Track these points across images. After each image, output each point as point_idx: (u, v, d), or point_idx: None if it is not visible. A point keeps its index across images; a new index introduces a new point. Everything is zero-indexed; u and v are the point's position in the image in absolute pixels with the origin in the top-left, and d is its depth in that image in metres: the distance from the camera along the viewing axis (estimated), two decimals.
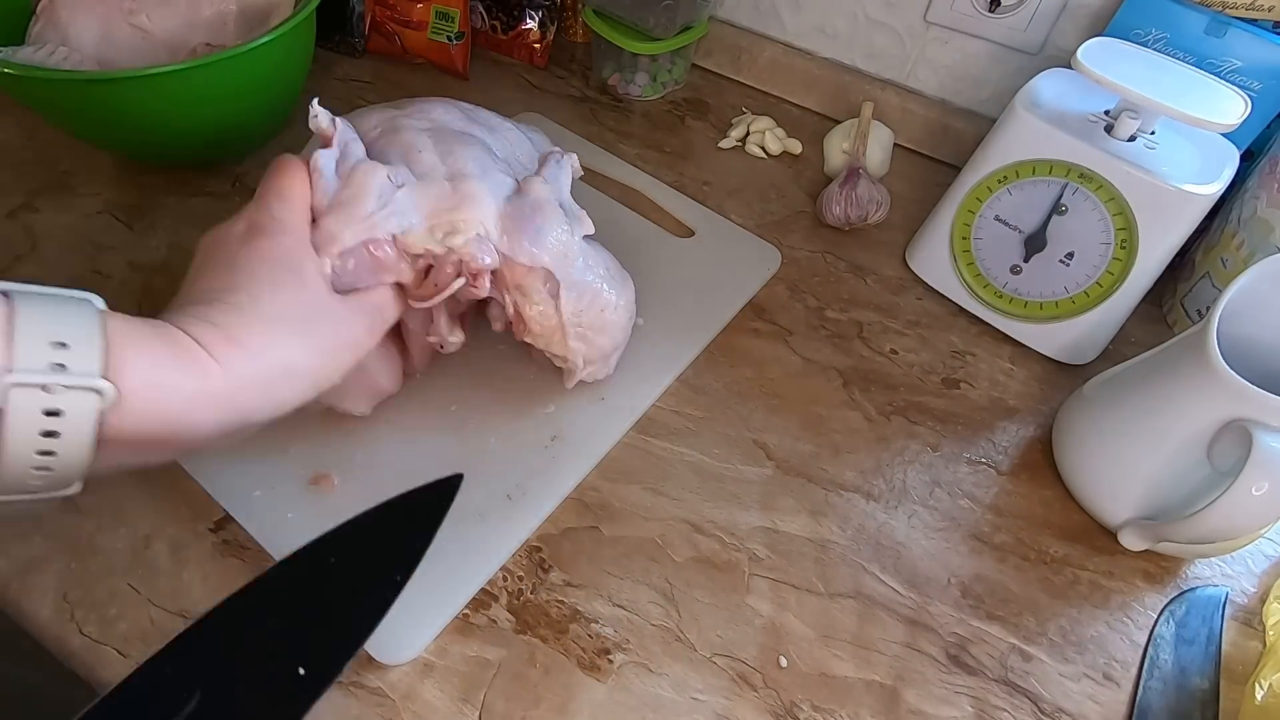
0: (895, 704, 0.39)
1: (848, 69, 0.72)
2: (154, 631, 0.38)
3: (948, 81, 0.68)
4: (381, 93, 0.71)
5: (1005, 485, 0.48)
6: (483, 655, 0.39)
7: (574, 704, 0.38)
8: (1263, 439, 0.37)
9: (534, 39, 0.74)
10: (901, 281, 0.60)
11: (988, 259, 0.56)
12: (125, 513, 0.42)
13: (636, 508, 0.45)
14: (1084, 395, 0.49)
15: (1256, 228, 0.51)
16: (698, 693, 0.38)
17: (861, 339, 0.55)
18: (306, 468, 0.43)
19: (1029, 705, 0.40)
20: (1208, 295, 0.55)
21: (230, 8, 0.60)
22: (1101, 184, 0.49)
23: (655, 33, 0.67)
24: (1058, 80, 0.54)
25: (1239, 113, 0.45)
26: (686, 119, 0.72)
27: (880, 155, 0.65)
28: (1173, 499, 0.43)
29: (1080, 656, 0.42)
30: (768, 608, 0.42)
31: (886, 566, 0.44)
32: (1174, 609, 0.44)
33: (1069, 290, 0.53)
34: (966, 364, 0.55)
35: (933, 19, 0.65)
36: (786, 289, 0.58)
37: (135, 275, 0.53)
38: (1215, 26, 0.52)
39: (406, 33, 0.72)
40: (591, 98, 0.73)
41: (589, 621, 0.40)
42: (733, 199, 0.64)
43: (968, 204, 0.55)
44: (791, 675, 0.39)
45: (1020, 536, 0.46)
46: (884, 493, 0.47)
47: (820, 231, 0.63)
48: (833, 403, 0.51)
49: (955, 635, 0.42)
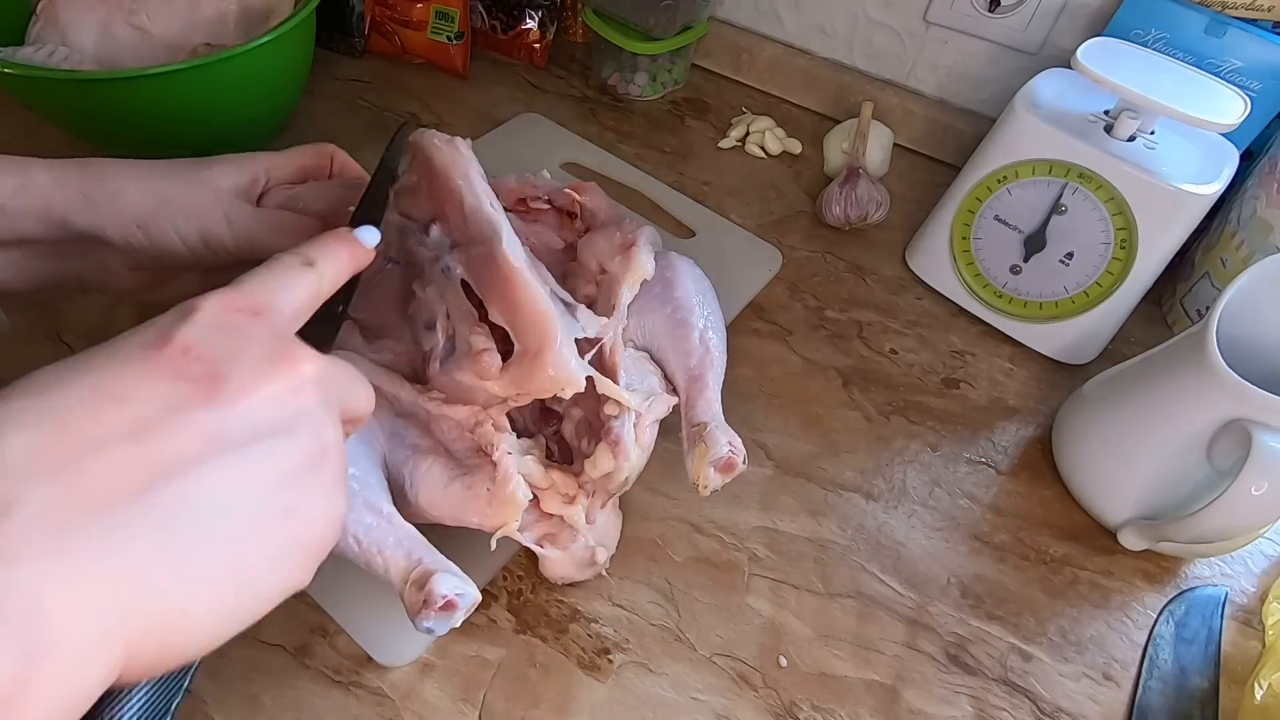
0: (895, 704, 0.39)
1: (848, 69, 0.72)
2: None
3: (948, 81, 0.68)
4: (381, 93, 0.71)
5: (1005, 485, 0.48)
6: (482, 655, 0.39)
7: (574, 704, 0.38)
8: (1263, 439, 0.37)
9: (534, 39, 0.74)
10: (901, 281, 0.60)
11: (987, 259, 0.56)
12: None
13: (636, 507, 0.45)
14: (1084, 395, 0.49)
15: (1256, 228, 0.51)
16: (698, 692, 0.38)
17: (861, 339, 0.55)
18: None
19: (1029, 705, 0.40)
20: (1208, 295, 0.55)
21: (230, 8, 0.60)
22: (1101, 184, 0.49)
23: (655, 33, 0.67)
24: (1058, 80, 0.54)
25: (1239, 113, 0.45)
26: (686, 119, 0.72)
27: (880, 155, 0.65)
28: (1172, 499, 0.43)
29: (1080, 656, 0.42)
30: (767, 607, 0.42)
31: (886, 566, 0.44)
32: (1174, 609, 0.44)
33: (1069, 290, 0.53)
34: (966, 364, 0.55)
35: (933, 19, 0.65)
36: (786, 289, 0.58)
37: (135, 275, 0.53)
38: (1215, 26, 0.52)
39: (406, 33, 0.72)
40: (591, 98, 0.73)
41: (589, 621, 0.40)
42: (733, 199, 0.64)
43: (968, 204, 0.55)
44: (791, 675, 0.39)
45: (1020, 536, 0.46)
46: (884, 492, 0.47)
47: (820, 231, 0.63)
48: (833, 403, 0.51)
49: (955, 635, 0.42)
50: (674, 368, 0.42)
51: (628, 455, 0.37)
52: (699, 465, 0.37)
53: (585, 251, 0.44)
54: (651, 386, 0.41)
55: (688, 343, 0.41)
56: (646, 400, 0.40)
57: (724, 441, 0.37)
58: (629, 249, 0.43)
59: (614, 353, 0.40)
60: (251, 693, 0.37)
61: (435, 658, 0.38)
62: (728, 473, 0.37)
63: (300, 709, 0.36)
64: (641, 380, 0.41)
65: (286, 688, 0.37)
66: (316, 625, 0.39)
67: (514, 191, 0.48)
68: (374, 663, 0.38)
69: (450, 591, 0.32)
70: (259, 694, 0.37)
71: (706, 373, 0.41)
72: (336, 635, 0.38)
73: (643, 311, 0.43)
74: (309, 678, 0.37)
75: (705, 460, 0.36)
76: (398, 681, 0.37)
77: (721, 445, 0.37)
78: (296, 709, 0.36)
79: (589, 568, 0.40)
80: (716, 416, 0.39)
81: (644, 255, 0.42)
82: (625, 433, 0.37)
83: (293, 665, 0.38)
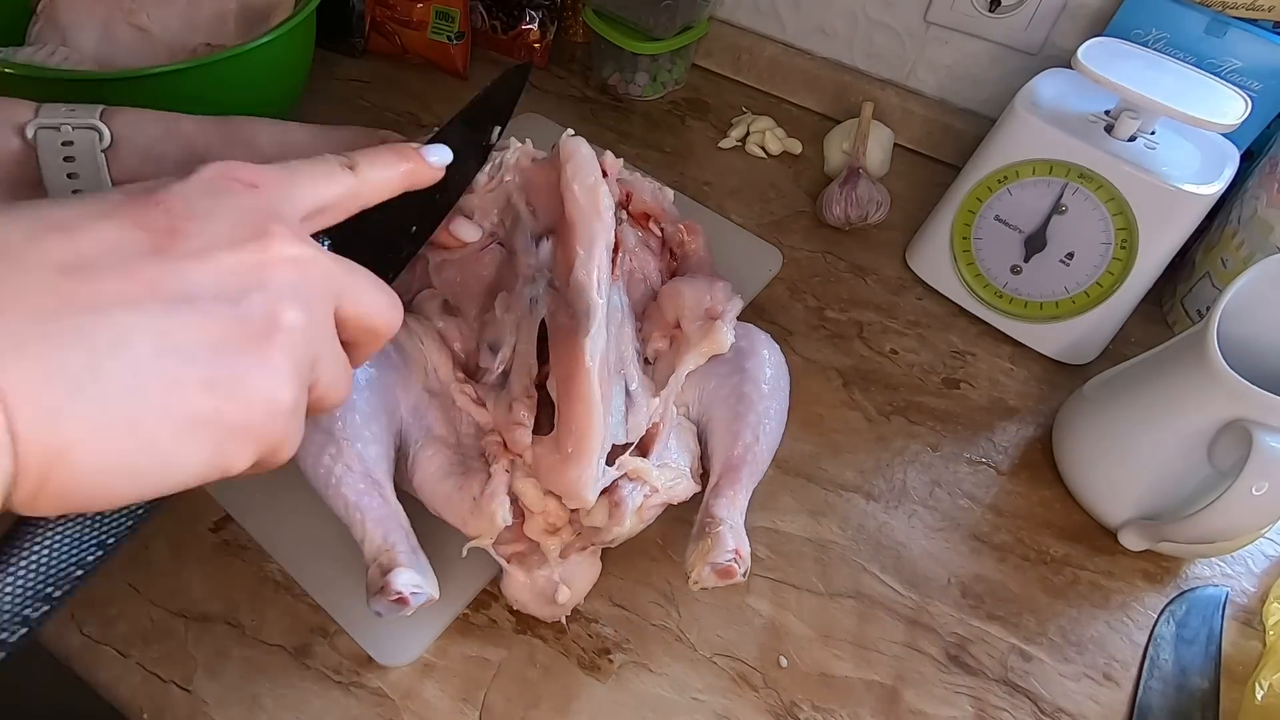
0: (895, 704, 0.39)
1: (848, 69, 0.72)
2: (154, 631, 0.38)
3: (948, 81, 0.68)
4: (381, 93, 0.71)
5: (1005, 485, 0.48)
6: (483, 655, 0.39)
7: (574, 704, 0.38)
8: (1263, 439, 0.37)
9: (534, 39, 0.74)
10: (901, 281, 0.60)
11: (988, 259, 0.56)
12: None
13: None
14: (1084, 395, 0.48)
15: (1256, 228, 0.51)
16: (698, 693, 0.38)
17: (861, 339, 0.55)
18: None
19: (1029, 705, 0.40)
20: (1208, 295, 0.54)
21: (230, 7, 0.60)
22: (1101, 184, 0.49)
23: (655, 33, 0.67)
24: (1058, 80, 0.54)
25: (1239, 113, 0.45)
26: (686, 119, 0.72)
27: (880, 155, 0.65)
28: (1173, 499, 0.43)
29: (1080, 656, 0.42)
30: (768, 608, 0.42)
31: (886, 566, 0.44)
32: (1174, 609, 0.44)
33: (1069, 290, 0.53)
34: (966, 364, 0.55)
35: (933, 19, 0.65)
36: (786, 289, 0.58)
37: None
38: (1215, 26, 0.52)
39: (406, 33, 0.72)
40: (591, 98, 0.73)
41: (589, 621, 0.40)
42: (733, 199, 0.64)
43: (968, 204, 0.55)
44: (791, 675, 0.39)
45: (1020, 536, 0.46)
46: (884, 493, 0.47)
47: (820, 231, 0.63)
48: (833, 403, 0.51)
49: (955, 635, 0.42)
50: (715, 447, 0.40)
51: (622, 522, 0.36)
52: (697, 560, 0.35)
53: (668, 301, 0.43)
54: (682, 467, 0.39)
55: (740, 428, 0.39)
56: (670, 482, 0.38)
57: (730, 549, 0.35)
58: (713, 320, 0.41)
59: (658, 425, 0.39)
60: (252, 693, 0.37)
61: (435, 658, 0.38)
62: (724, 578, 0.35)
63: (300, 709, 0.36)
64: (677, 456, 0.39)
65: (286, 688, 0.37)
66: (316, 625, 0.39)
67: (645, 205, 0.47)
68: (374, 663, 0.38)
69: (405, 588, 0.32)
70: (259, 694, 0.37)
71: (744, 467, 0.39)
72: (336, 635, 0.38)
73: (707, 377, 0.41)
74: (309, 678, 0.37)
75: (704, 559, 0.35)
76: (398, 681, 0.37)
77: (726, 552, 0.35)
78: (296, 709, 0.36)
79: (548, 605, 0.38)
80: (734, 519, 0.37)
81: (725, 332, 0.40)
82: (630, 500, 0.36)
83: (293, 665, 0.38)
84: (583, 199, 0.39)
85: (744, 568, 0.35)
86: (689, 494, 0.39)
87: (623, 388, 0.39)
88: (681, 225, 0.48)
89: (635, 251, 0.45)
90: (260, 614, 0.39)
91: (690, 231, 0.48)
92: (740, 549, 0.35)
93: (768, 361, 0.42)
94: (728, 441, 0.39)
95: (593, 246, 0.38)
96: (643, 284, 0.45)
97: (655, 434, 0.39)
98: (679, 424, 0.41)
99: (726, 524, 0.36)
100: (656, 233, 0.48)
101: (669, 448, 0.39)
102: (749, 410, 0.39)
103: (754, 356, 0.41)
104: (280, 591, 0.40)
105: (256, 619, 0.39)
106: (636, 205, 0.47)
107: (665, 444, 0.39)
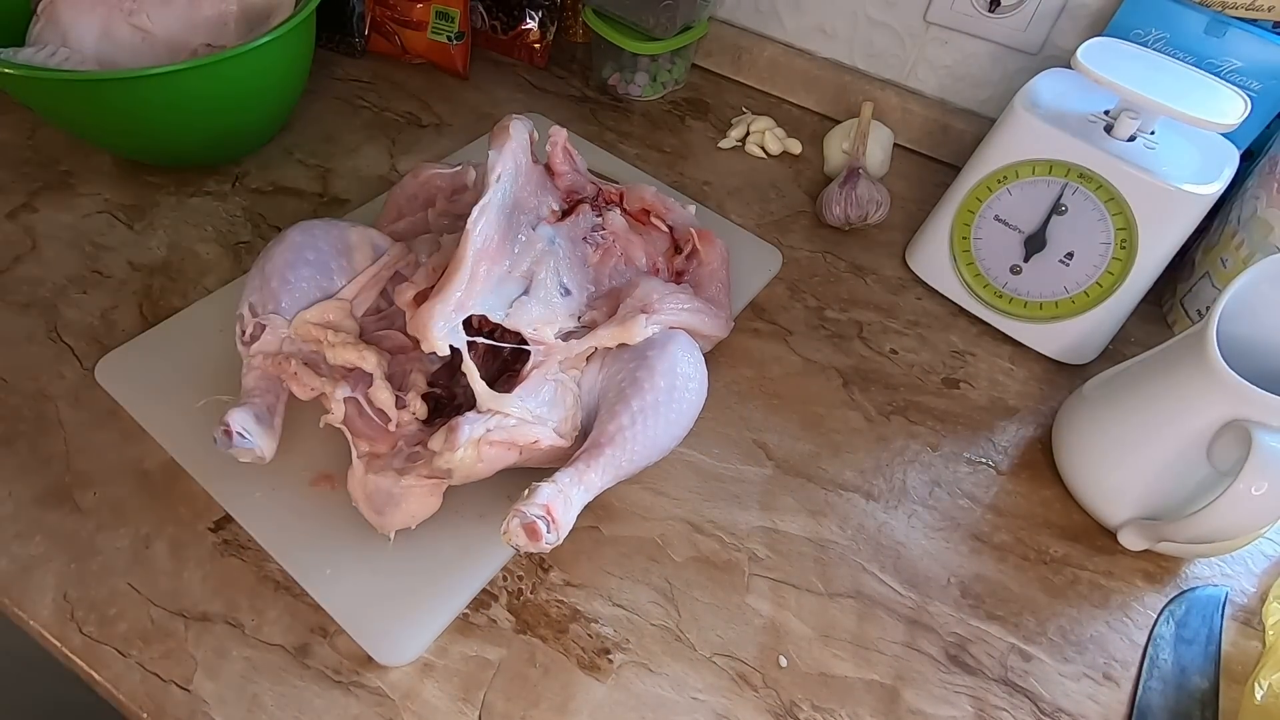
0: (895, 703, 0.39)
1: (848, 69, 0.72)
2: (154, 631, 0.38)
3: (948, 81, 0.68)
4: (381, 93, 0.71)
5: (1005, 485, 0.48)
6: (483, 655, 0.39)
7: (574, 704, 0.38)
8: (1263, 439, 0.37)
9: (534, 39, 0.74)
10: (901, 281, 0.60)
11: (987, 259, 0.56)
12: (125, 513, 0.42)
13: (636, 507, 0.45)
14: (1084, 395, 0.49)
15: (1256, 228, 0.51)
16: (698, 692, 0.38)
17: (861, 339, 0.55)
18: (307, 468, 0.43)
19: (1029, 705, 0.40)
20: (1208, 295, 0.55)
21: (230, 8, 0.60)
22: (1101, 184, 0.49)
23: (655, 33, 0.67)
24: (1058, 80, 0.54)
25: (1239, 113, 0.45)
26: (686, 119, 0.72)
27: (880, 155, 0.65)
28: (1173, 499, 0.43)
29: (1080, 656, 0.42)
30: (767, 607, 0.42)
31: (886, 566, 0.44)
32: (1174, 609, 0.44)
33: (1069, 290, 0.53)
34: (966, 364, 0.55)
35: (933, 19, 0.65)
36: (786, 289, 0.58)
37: (135, 275, 0.53)
38: (1215, 26, 0.52)
39: (406, 33, 0.72)
40: (591, 98, 0.73)
41: (589, 621, 0.40)
42: (733, 199, 0.64)
43: (968, 204, 0.55)
44: (791, 675, 0.39)
45: (1020, 536, 0.46)
46: (884, 492, 0.47)
47: (820, 231, 0.63)
48: (833, 402, 0.51)
49: (955, 635, 0.42)
50: (595, 425, 0.40)
51: (454, 449, 0.37)
52: (512, 509, 0.35)
53: (628, 289, 0.45)
54: (542, 415, 0.40)
55: (620, 408, 0.39)
56: (513, 420, 0.38)
57: (541, 504, 0.34)
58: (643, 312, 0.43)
59: (535, 369, 0.41)
60: (252, 693, 0.37)
61: (435, 658, 0.38)
62: (531, 539, 0.34)
63: (300, 709, 0.36)
64: (542, 406, 0.40)
65: (286, 688, 0.37)
66: (316, 625, 0.39)
67: (643, 201, 0.51)
68: (374, 663, 0.38)
69: (235, 425, 0.37)
70: (259, 694, 0.37)
71: (609, 446, 0.38)
72: (336, 635, 0.38)
73: (614, 360, 0.42)
74: (309, 678, 0.37)
75: (514, 508, 0.34)
76: (398, 681, 0.37)
77: (536, 506, 0.34)
78: (296, 709, 0.36)
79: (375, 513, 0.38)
80: (570, 488, 0.36)
81: (641, 325, 0.42)
82: (465, 431, 0.37)
83: (293, 665, 0.38)
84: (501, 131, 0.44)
85: (554, 535, 0.34)
86: (542, 443, 0.39)
87: (524, 287, 0.42)
88: (695, 230, 0.51)
89: (620, 234, 0.49)
90: (260, 614, 0.39)
91: (703, 239, 0.51)
92: (555, 511, 0.34)
93: (678, 363, 0.42)
94: (605, 419, 0.40)
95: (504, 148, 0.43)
96: (621, 262, 0.49)
97: (524, 376, 0.40)
98: (560, 381, 0.41)
99: (557, 485, 0.36)
100: (662, 228, 0.52)
101: (540, 397, 0.40)
102: (635, 395, 0.40)
103: (663, 354, 0.41)
104: (280, 591, 0.40)
105: (256, 619, 0.39)
106: (632, 203, 0.51)
107: (537, 392, 0.40)
